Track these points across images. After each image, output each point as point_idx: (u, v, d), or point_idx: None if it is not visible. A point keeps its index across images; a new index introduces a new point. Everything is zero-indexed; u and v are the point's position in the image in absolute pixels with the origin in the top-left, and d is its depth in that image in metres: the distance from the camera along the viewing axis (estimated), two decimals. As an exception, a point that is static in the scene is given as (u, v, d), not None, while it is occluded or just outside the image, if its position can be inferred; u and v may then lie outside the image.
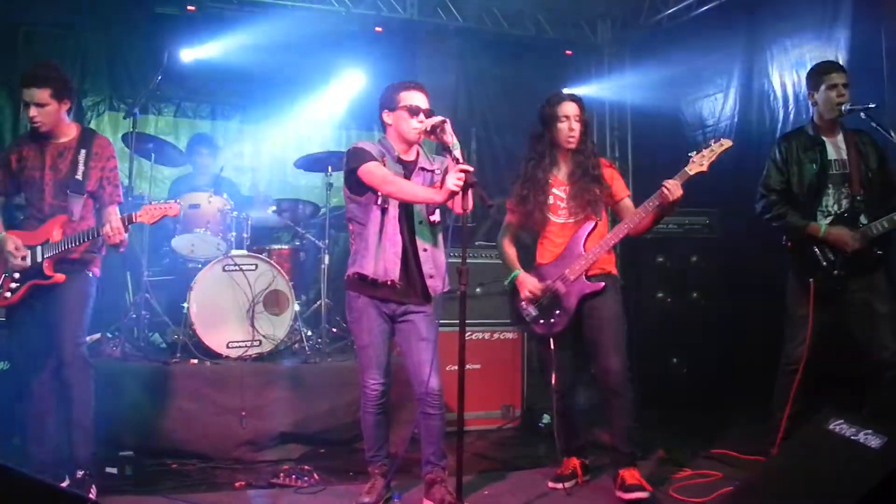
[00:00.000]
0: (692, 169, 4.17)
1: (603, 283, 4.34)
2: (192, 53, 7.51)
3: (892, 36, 5.48)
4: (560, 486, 4.52)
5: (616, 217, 4.53)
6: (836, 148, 4.64)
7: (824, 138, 4.64)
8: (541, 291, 4.43)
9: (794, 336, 4.65)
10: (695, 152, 4.19)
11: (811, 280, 4.52)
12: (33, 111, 4.14)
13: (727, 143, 4.20)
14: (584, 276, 4.35)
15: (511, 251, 4.67)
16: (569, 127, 4.40)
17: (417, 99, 4.08)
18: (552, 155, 4.49)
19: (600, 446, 4.99)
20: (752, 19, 6.95)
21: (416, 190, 4.00)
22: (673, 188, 4.12)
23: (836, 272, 4.49)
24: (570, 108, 4.43)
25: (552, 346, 4.44)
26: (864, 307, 4.50)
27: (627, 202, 4.49)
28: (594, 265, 4.36)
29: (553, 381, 4.47)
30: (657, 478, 4.65)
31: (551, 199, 4.46)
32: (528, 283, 4.46)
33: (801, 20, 6.32)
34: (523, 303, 4.52)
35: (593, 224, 4.38)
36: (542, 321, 4.47)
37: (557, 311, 4.41)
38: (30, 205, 4.31)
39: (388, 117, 4.15)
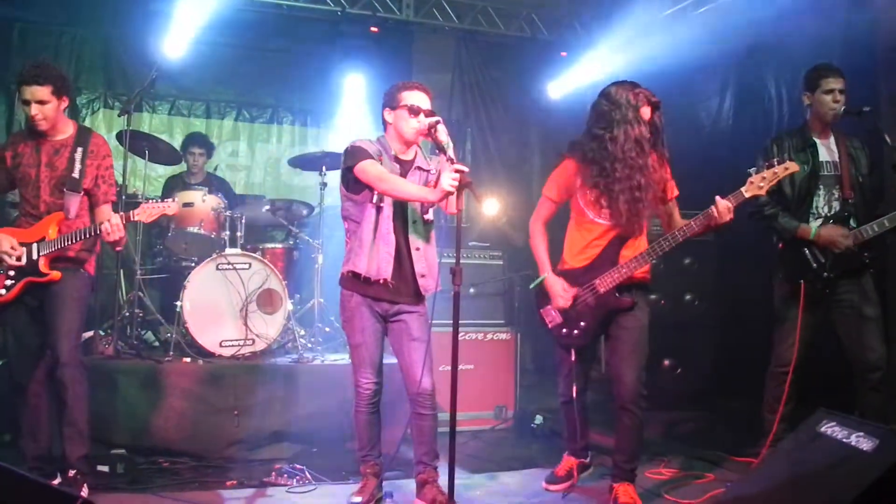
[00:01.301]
0: (749, 191, 3.93)
1: (633, 299, 4.16)
2: (187, 51, 7.48)
3: (887, 38, 5.50)
4: (555, 487, 4.52)
5: (656, 216, 4.30)
6: (828, 150, 4.66)
7: (817, 140, 4.66)
8: (569, 301, 4.25)
9: (784, 338, 4.66)
10: (754, 170, 3.92)
11: (801, 281, 4.53)
12: (34, 109, 4.12)
13: (793, 166, 3.98)
14: (615, 290, 4.17)
15: (542, 246, 4.41)
16: (637, 134, 4.03)
17: (419, 99, 4.07)
18: (611, 151, 4.08)
19: (597, 447, 4.99)
20: (749, 21, 6.97)
21: (410, 188, 3.99)
22: (723, 212, 3.91)
23: (825, 274, 4.50)
24: (647, 112, 4.09)
25: (573, 357, 4.35)
26: (851, 310, 4.52)
27: (673, 204, 4.30)
28: None
29: (574, 393, 4.40)
30: (649, 479, 4.66)
31: (593, 196, 4.20)
32: (557, 291, 4.29)
33: (797, 21, 6.33)
34: (549, 307, 4.39)
35: (633, 233, 4.16)
36: (564, 330, 4.33)
37: (582, 323, 4.27)
38: (25, 202, 4.29)
39: (388, 115, 4.15)
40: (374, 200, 4.02)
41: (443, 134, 3.81)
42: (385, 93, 4.20)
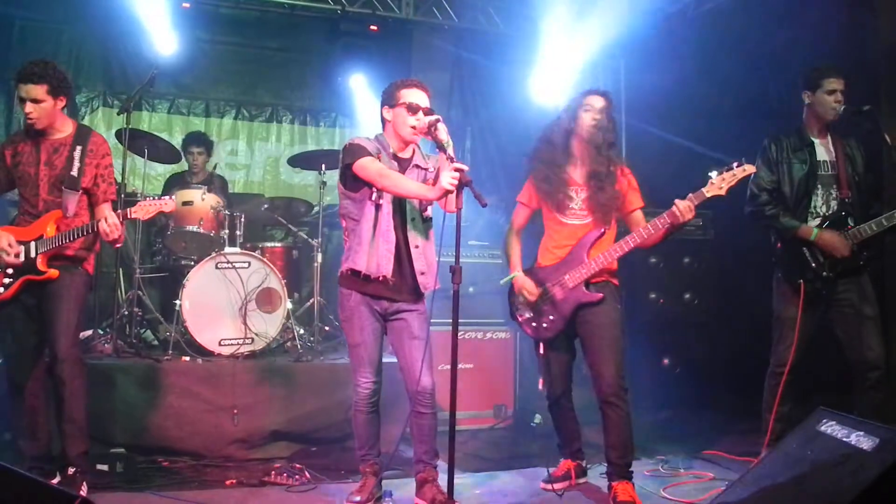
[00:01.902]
0: (710, 191, 4.10)
1: (601, 294, 4.28)
2: (186, 49, 7.47)
3: (888, 35, 5.49)
4: (551, 486, 4.52)
5: (626, 226, 4.45)
6: (825, 150, 4.68)
7: (814, 139, 4.67)
8: (536, 297, 4.39)
9: (782, 338, 4.66)
10: (715, 173, 4.12)
11: (801, 281, 4.53)
12: (29, 107, 4.12)
13: (750, 168, 4.16)
14: (583, 285, 4.30)
15: (515, 249, 4.60)
16: (592, 116, 4.32)
17: (417, 97, 4.07)
18: (571, 148, 4.40)
19: (596, 445, 4.99)
20: (750, 19, 6.95)
21: (409, 185, 3.99)
22: (684, 211, 4.07)
23: (825, 274, 4.51)
24: (596, 100, 4.36)
25: (542, 350, 4.44)
26: (850, 309, 4.53)
27: (639, 214, 4.43)
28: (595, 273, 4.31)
29: (540, 385, 4.47)
30: (649, 478, 4.66)
31: (561, 198, 4.40)
32: (526, 287, 4.42)
33: (798, 20, 6.32)
34: (518, 303, 4.52)
35: (601, 231, 4.33)
36: (534, 324, 4.45)
37: (551, 317, 4.38)
38: (24, 200, 4.29)
39: (387, 113, 4.15)
40: (374, 198, 4.01)
41: (443, 133, 3.83)
42: (383, 91, 4.19)
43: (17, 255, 4.14)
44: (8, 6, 7.17)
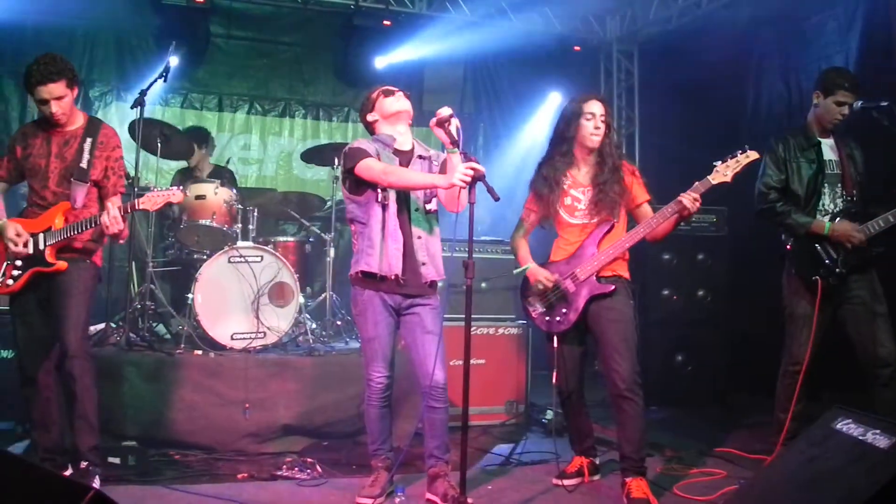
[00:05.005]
0: (715, 179, 4.12)
1: (613, 286, 4.26)
2: (198, 44, 7.49)
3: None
4: (565, 482, 4.50)
5: (634, 222, 4.44)
6: (830, 148, 4.69)
7: (820, 139, 4.66)
8: (552, 283, 4.37)
9: (796, 335, 4.63)
10: (720, 162, 4.14)
11: (817, 278, 4.50)
12: (54, 106, 4.09)
13: (753, 154, 4.16)
14: (594, 277, 4.29)
15: (523, 246, 4.60)
16: (594, 125, 4.32)
17: (387, 88, 4.23)
18: (572, 154, 4.42)
19: (606, 442, 4.98)
20: (761, 16, 6.92)
21: (416, 177, 4.03)
22: (691, 203, 4.08)
23: (838, 270, 4.49)
24: (596, 107, 4.36)
25: (555, 344, 4.42)
26: (862, 307, 4.51)
27: (646, 207, 4.42)
28: (606, 267, 4.29)
29: (554, 379, 4.46)
30: (661, 476, 4.64)
31: (569, 200, 4.40)
32: (540, 274, 4.41)
33: (811, 17, 6.28)
34: (530, 298, 4.50)
35: (610, 225, 4.32)
36: (547, 318, 4.44)
37: (564, 310, 4.37)
38: (33, 192, 4.28)
39: (371, 116, 4.26)
40: (380, 199, 4.02)
41: (454, 128, 3.83)
42: (359, 111, 4.36)
43: (25, 245, 4.15)
44: (22, 3, 7.18)
